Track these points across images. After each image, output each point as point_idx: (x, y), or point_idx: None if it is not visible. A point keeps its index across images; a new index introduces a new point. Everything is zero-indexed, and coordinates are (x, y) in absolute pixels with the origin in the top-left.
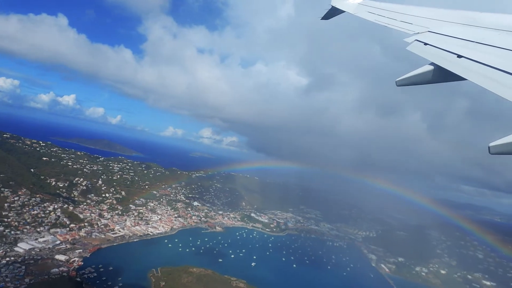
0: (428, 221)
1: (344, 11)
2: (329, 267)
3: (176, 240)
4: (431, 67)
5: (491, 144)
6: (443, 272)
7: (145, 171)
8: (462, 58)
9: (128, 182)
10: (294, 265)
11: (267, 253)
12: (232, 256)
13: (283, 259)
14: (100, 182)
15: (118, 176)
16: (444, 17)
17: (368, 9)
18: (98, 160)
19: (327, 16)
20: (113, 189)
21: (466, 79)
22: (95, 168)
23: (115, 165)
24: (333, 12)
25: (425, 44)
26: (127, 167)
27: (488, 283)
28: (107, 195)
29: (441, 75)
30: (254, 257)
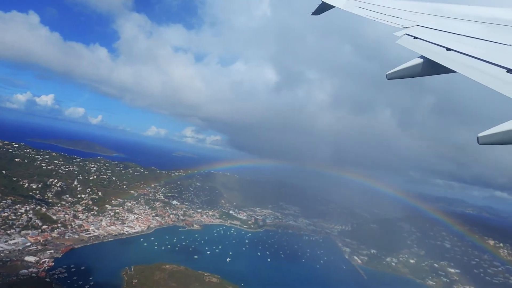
0: (401, 213)
1: (334, 6)
2: (303, 260)
3: (152, 238)
4: (421, 60)
5: (480, 134)
6: (412, 261)
7: (123, 171)
8: (451, 51)
9: (105, 183)
10: (269, 259)
11: (243, 248)
12: (208, 252)
13: (259, 254)
14: (75, 183)
15: (95, 177)
16: (432, 11)
17: (357, 4)
18: (74, 160)
19: (317, 12)
20: (89, 189)
21: (456, 72)
22: (71, 169)
23: (92, 166)
24: (323, 7)
25: (415, 38)
26: (104, 167)
27: (452, 270)
28: (82, 196)
29: (430, 68)
30: (230, 253)
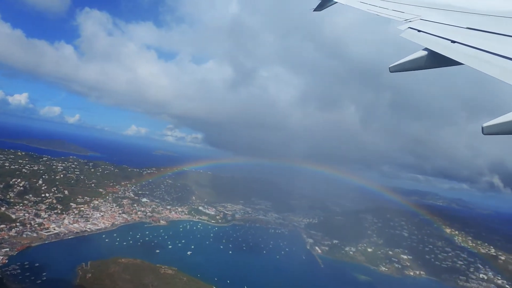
0: (372, 205)
1: (336, 2)
2: (264, 252)
3: (115, 235)
4: (425, 53)
5: (485, 124)
6: (369, 250)
7: (92, 170)
8: (456, 43)
9: (72, 181)
10: (230, 252)
11: (207, 242)
12: (170, 247)
13: (221, 247)
14: (40, 182)
15: (62, 176)
16: (435, 5)
17: None
18: (40, 160)
19: (319, 7)
20: (55, 188)
21: (462, 64)
22: (36, 168)
23: (59, 165)
24: (325, 2)
25: (419, 31)
26: (73, 166)
27: (405, 257)
28: (47, 195)
29: (435, 60)
30: (192, 246)
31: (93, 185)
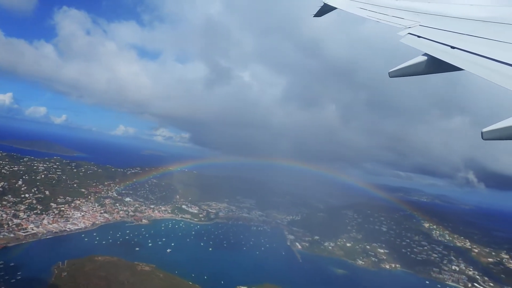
0: (351, 202)
1: (335, 8)
2: (244, 248)
3: (95, 234)
4: (424, 58)
5: (484, 129)
6: (348, 245)
7: (75, 170)
8: (456, 49)
9: (54, 182)
10: (210, 249)
11: (187, 240)
12: (150, 245)
13: (202, 244)
14: (20, 182)
15: (43, 176)
16: (435, 11)
17: (359, 5)
18: (21, 160)
19: (319, 14)
20: (35, 189)
21: (462, 69)
22: (16, 168)
23: (41, 165)
24: (325, 9)
25: (418, 37)
26: (54, 166)
27: (382, 250)
28: (26, 195)
29: (435, 66)
30: (172, 244)
31: (75, 185)
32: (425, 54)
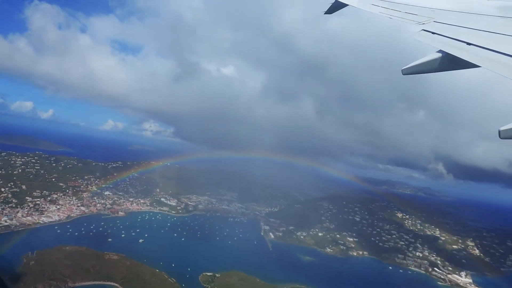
0: (330, 194)
1: (347, 5)
2: (217, 238)
3: (68, 226)
4: (439, 55)
5: (502, 128)
6: (320, 234)
7: (54, 164)
8: (472, 45)
9: (31, 176)
10: (183, 239)
11: (162, 231)
12: (123, 236)
13: (175, 235)
14: None
15: (20, 171)
16: (450, 7)
17: (371, 1)
18: None
19: (330, 11)
20: (11, 183)
21: (479, 66)
22: None
23: (18, 160)
24: (337, 5)
25: (433, 33)
26: (33, 161)
27: (351, 239)
28: (2, 189)
29: (450, 63)
30: (146, 235)
31: (53, 179)
32: (440, 51)
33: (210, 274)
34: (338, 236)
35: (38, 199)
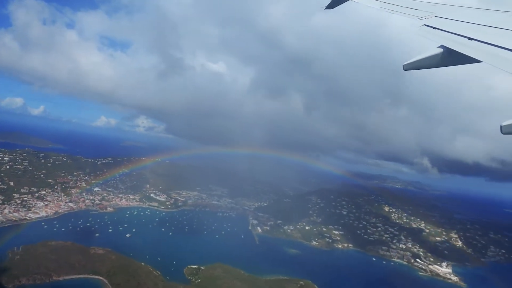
0: (318, 188)
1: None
2: (205, 232)
3: (55, 222)
4: (440, 50)
5: (503, 123)
6: (307, 228)
7: (42, 161)
8: (474, 40)
9: (20, 173)
10: (170, 233)
11: (150, 226)
12: (110, 231)
13: (163, 229)
14: None
15: (8, 167)
16: (450, 2)
17: None
18: None
19: (331, 5)
20: None
21: (481, 61)
22: None
23: (6, 156)
24: (337, 0)
25: (434, 28)
26: (21, 157)
27: (337, 232)
28: None
29: (452, 58)
30: (134, 230)
31: (42, 175)
32: (441, 46)
33: (195, 266)
34: (324, 229)
35: (26, 196)
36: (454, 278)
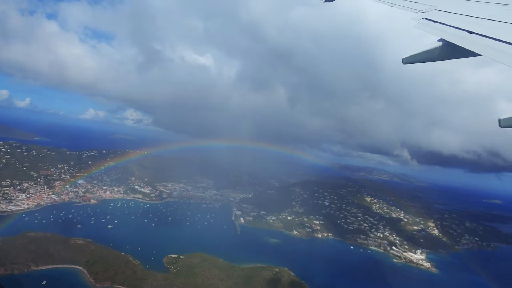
0: (302, 180)
1: None
2: (188, 223)
3: (37, 214)
4: (440, 44)
5: (502, 117)
6: (289, 218)
7: (25, 153)
8: (473, 34)
9: (1, 165)
10: (153, 225)
11: (132, 217)
12: (92, 222)
13: (145, 221)
14: None
15: None
16: None
17: None
18: None
19: None
20: None
21: (480, 55)
22: None
23: None
24: None
25: (434, 21)
26: (3, 150)
27: (317, 222)
28: None
29: (451, 51)
30: (116, 221)
31: (24, 168)
32: (441, 40)
33: (175, 256)
34: (305, 219)
35: (7, 188)
36: (426, 265)
